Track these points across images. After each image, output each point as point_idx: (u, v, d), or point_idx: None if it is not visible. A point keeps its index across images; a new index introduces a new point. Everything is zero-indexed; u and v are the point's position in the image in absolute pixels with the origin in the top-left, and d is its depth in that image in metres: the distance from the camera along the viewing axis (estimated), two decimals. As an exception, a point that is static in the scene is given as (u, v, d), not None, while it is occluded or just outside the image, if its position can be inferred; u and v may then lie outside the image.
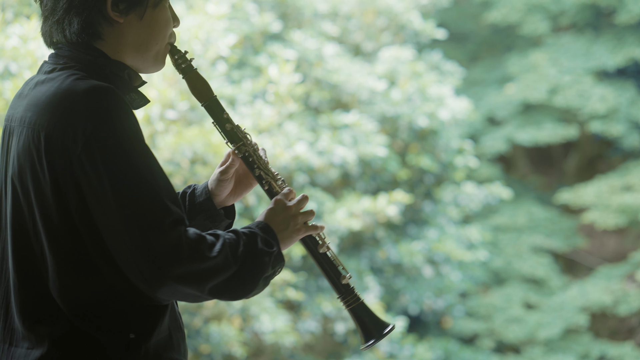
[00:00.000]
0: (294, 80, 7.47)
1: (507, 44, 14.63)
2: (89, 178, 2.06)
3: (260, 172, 2.36)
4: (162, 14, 2.26)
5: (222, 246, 2.11)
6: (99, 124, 2.06)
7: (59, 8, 2.18)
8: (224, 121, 2.36)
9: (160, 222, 2.05)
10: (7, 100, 6.22)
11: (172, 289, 2.07)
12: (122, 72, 2.23)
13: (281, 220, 2.26)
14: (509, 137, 13.25)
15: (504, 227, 12.98)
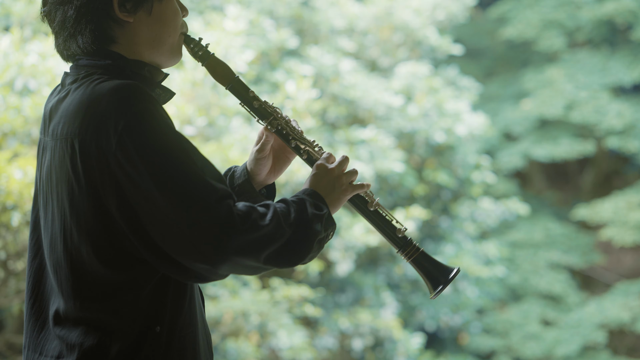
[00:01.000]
0: (312, 96, 7.48)
1: (523, 59, 14.62)
2: (127, 173, 2.06)
3: (297, 142, 2.36)
4: (169, 5, 2.27)
5: (274, 214, 2.12)
6: (129, 118, 2.07)
7: (67, 21, 2.20)
8: (250, 99, 2.36)
9: (207, 200, 2.05)
10: (25, 117, 6.25)
11: (232, 262, 2.08)
12: (142, 70, 2.25)
13: (326, 183, 2.26)
14: (525, 152, 13.22)
15: (521, 243, 12.93)
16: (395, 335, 8.40)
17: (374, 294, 8.99)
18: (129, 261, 2.12)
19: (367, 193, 2.35)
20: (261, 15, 8.77)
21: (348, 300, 8.77)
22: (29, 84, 6.43)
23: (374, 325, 8.41)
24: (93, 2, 2.19)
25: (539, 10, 13.28)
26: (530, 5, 13.46)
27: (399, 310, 9.12)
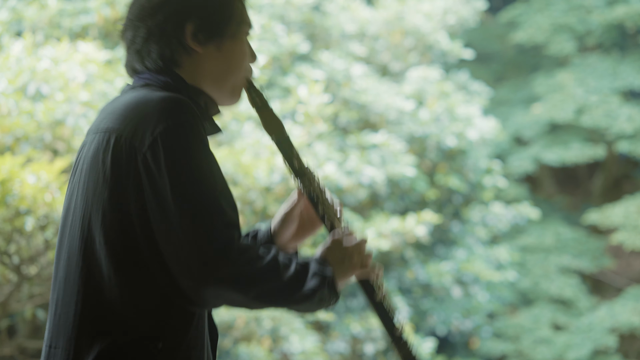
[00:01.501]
0: (323, 101, 7.49)
1: (533, 64, 14.61)
2: (151, 174, 2.07)
3: (324, 210, 2.36)
4: (240, 46, 2.28)
5: (274, 256, 2.11)
6: (168, 125, 2.08)
7: (138, 38, 2.22)
8: (292, 157, 2.35)
9: (214, 222, 2.06)
10: (38, 122, 6.26)
11: (217, 290, 2.07)
12: (199, 98, 2.25)
13: (338, 255, 2.25)
14: (535, 157, 13.21)
15: (532, 247, 12.92)
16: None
17: (385, 298, 8.96)
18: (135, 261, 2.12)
19: (377, 282, 2.34)
20: (272, 20, 8.78)
21: (360, 305, 8.76)
22: (42, 88, 6.44)
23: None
24: (166, 25, 2.21)
25: (550, 15, 13.28)
26: (540, 10, 13.46)
27: (410, 314, 9.11)
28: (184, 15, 2.22)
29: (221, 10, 2.25)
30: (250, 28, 2.31)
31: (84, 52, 6.62)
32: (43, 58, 6.56)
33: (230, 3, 2.26)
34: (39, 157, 5.99)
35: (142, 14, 2.22)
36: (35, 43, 7.08)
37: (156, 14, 2.21)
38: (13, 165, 5.20)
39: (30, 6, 7.77)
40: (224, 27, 2.25)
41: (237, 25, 2.27)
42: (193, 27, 2.22)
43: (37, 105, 6.31)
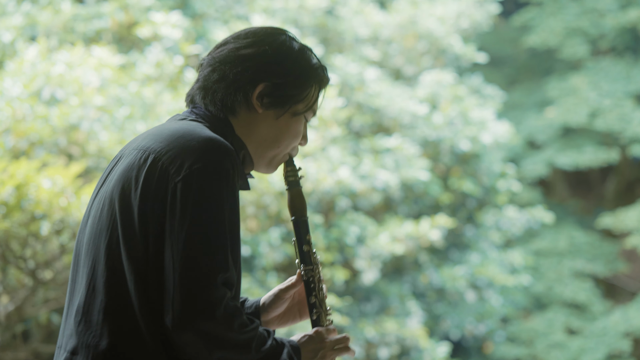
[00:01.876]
0: (338, 105, 7.48)
1: (546, 67, 14.59)
2: (175, 205, 2.11)
3: (316, 300, 2.40)
4: (296, 124, 2.33)
5: (253, 330, 2.15)
6: (207, 165, 2.13)
7: (212, 78, 2.29)
8: (304, 242, 2.41)
9: (215, 275, 2.10)
10: (53, 126, 6.26)
11: (191, 339, 2.10)
12: (240, 151, 2.30)
13: (313, 349, 2.30)
14: (549, 160, 13.18)
15: (545, 251, 12.88)
16: (422, 344, 8.36)
17: (399, 302, 8.95)
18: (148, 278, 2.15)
19: None
20: (286, 24, 8.77)
21: (374, 309, 8.74)
22: (56, 93, 6.45)
23: (400, 334, 8.38)
24: (241, 76, 2.27)
25: (563, 18, 13.26)
26: (553, 14, 13.44)
27: (424, 319, 9.08)
28: (262, 74, 2.28)
29: (296, 87, 2.31)
30: (313, 116, 2.38)
31: (98, 57, 6.63)
32: (57, 63, 6.57)
33: (307, 86, 2.32)
34: (54, 162, 5.99)
35: (226, 59, 2.28)
36: (49, 48, 7.09)
37: (238, 64, 2.27)
38: (28, 170, 5.21)
39: (44, 11, 7.78)
40: (291, 103, 2.31)
41: (303, 107, 2.33)
42: (263, 88, 2.28)
43: (51, 109, 6.32)
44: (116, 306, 2.16)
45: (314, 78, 2.33)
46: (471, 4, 10.29)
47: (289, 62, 2.29)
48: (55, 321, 6.34)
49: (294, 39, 2.35)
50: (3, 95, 6.05)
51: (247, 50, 2.28)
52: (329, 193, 7.66)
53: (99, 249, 2.19)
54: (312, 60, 2.34)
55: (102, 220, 2.19)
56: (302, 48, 2.34)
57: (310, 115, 2.36)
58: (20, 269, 5.42)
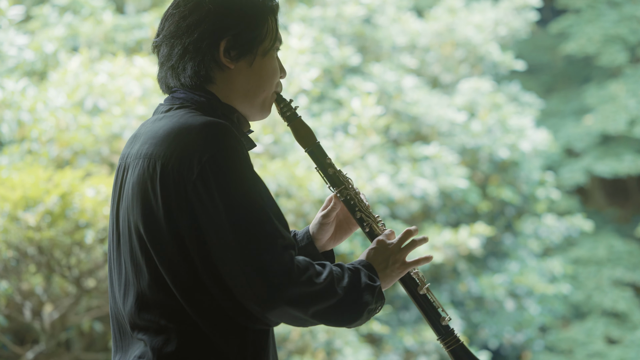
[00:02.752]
0: (376, 113, 7.48)
1: (584, 75, 14.50)
2: (203, 202, 2.13)
3: (362, 214, 2.43)
4: (270, 62, 2.35)
5: (329, 274, 2.19)
6: (215, 152, 2.15)
7: (173, 54, 2.28)
8: (326, 166, 2.43)
9: (274, 245, 2.13)
10: (95, 136, 6.33)
11: (282, 310, 2.15)
12: (232, 115, 2.32)
13: (382, 259, 2.33)
14: (587, 168, 13.09)
15: (584, 260, 12.79)
16: (461, 353, 8.33)
17: (438, 311, 8.92)
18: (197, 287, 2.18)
19: (419, 276, 2.40)
20: (324, 33, 8.80)
21: (412, 318, 8.72)
22: (99, 103, 6.52)
23: (440, 343, 8.35)
24: (201, 41, 2.27)
25: (601, 26, 13.18)
26: (591, 21, 13.36)
27: (463, 327, 9.04)
28: (218, 33, 2.28)
29: (253, 28, 2.32)
30: (280, 44, 2.39)
31: (139, 67, 6.69)
32: (100, 73, 6.64)
33: (262, 21, 2.33)
34: (96, 171, 6.05)
35: (178, 31, 2.29)
36: (91, 58, 7.16)
37: (192, 32, 2.27)
38: (73, 179, 5.26)
39: (85, 22, 7.87)
40: (256, 44, 2.32)
41: (269, 43, 2.34)
42: (226, 44, 2.29)
43: (94, 119, 6.38)
44: (169, 313, 2.19)
45: (265, 11, 2.33)
46: (509, 11, 10.25)
47: (237, 9, 2.30)
48: (98, 329, 6.39)
49: None
50: (47, 106, 6.12)
51: (193, 15, 2.27)
52: (367, 201, 7.65)
53: (137, 266, 2.21)
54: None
55: (133, 240, 2.21)
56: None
57: (278, 45, 2.37)
58: (65, 277, 5.47)
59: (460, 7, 10.00)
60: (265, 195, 2.18)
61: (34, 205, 5.09)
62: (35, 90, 6.36)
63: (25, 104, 6.11)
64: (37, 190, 5.07)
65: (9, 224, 5.09)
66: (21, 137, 6.26)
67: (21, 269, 5.46)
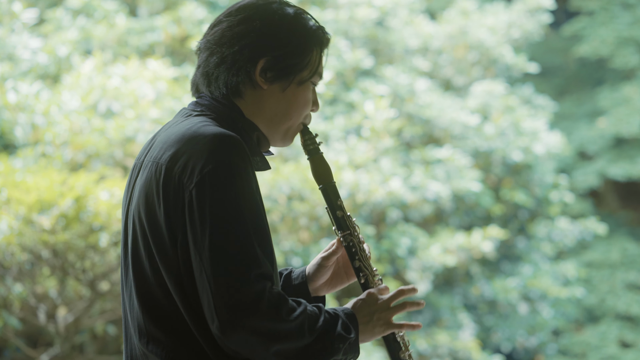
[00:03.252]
0: (390, 116, 7.47)
1: (596, 77, 14.46)
2: (193, 214, 2.10)
3: (361, 264, 2.35)
4: (304, 93, 2.27)
5: (302, 314, 2.12)
6: (217, 166, 2.10)
7: (211, 61, 2.23)
8: (336, 207, 2.36)
9: (248, 271, 2.07)
10: (109, 139, 6.33)
11: (242, 338, 2.08)
12: (252, 133, 2.26)
13: (367, 312, 2.24)
14: (600, 171, 13.05)
15: (597, 263, 12.74)
16: (474, 356, 8.31)
17: (450, 314, 8.91)
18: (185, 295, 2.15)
19: (404, 340, 2.33)
20: (336, 35, 8.80)
21: (425, 321, 8.70)
22: (112, 106, 6.52)
23: (452, 346, 8.33)
24: (240, 55, 2.22)
25: (614, 28, 13.14)
26: (604, 23, 13.32)
27: (476, 331, 9.02)
28: (260, 50, 2.22)
29: (297, 55, 2.24)
30: (320, 79, 2.31)
31: (153, 70, 6.69)
32: (113, 76, 6.64)
33: (307, 51, 2.25)
34: (110, 174, 6.05)
35: (222, 40, 2.23)
36: (104, 61, 7.17)
37: (234, 44, 2.22)
38: (87, 182, 5.26)
39: (99, 25, 7.88)
40: (295, 72, 2.24)
41: (307, 74, 2.26)
42: (264, 64, 2.22)
43: (108, 122, 6.38)
44: (173, 321, 2.17)
45: (313, 42, 2.25)
46: (522, 14, 10.23)
47: (285, 32, 2.23)
48: (111, 332, 6.39)
49: (287, 4, 2.28)
50: (61, 109, 6.13)
51: (240, 27, 2.22)
52: (380, 204, 7.64)
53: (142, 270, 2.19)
54: (309, 23, 2.26)
55: (139, 245, 2.19)
56: (296, 13, 2.26)
57: (317, 79, 2.29)
58: (79, 280, 5.47)
59: (473, 10, 9.99)
60: (257, 220, 2.12)
61: (49, 208, 5.09)
62: (49, 93, 6.37)
63: (39, 107, 6.12)
64: (52, 194, 5.07)
65: (24, 227, 5.09)
66: (35, 140, 6.27)
67: (35, 272, 5.47)
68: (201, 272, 2.08)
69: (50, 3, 8.74)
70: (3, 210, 5.13)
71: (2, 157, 5.83)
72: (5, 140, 6.49)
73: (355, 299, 2.28)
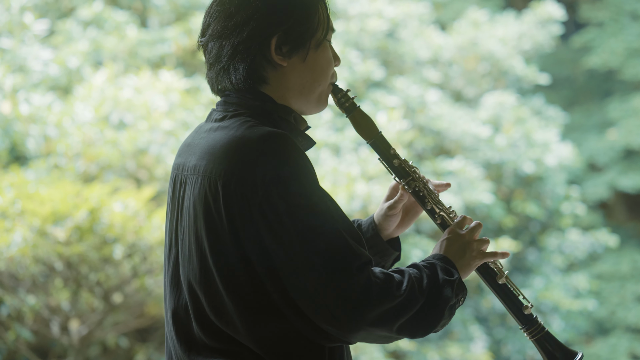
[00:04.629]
0: (403, 127, 7.44)
1: (605, 89, 14.42)
2: (271, 225, 2.04)
3: (433, 205, 2.30)
4: (324, 54, 2.22)
5: (409, 282, 2.08)
6: (277, 170, 2.05)
7: (223, 55, 2.18)
8: (391, 157, 2.31)
9: (349, 266, 2.02)
10: (121, 150, 6.30)
11: (366, 332, 2.05)
12: (289, 116, 2.21)
13: (457, 249, 2.21)
14: (610, 183, 13.00)
15: (607, 275, 12.68)
16: (487, 369, 8.27)
17: (462, 327, 8.86)
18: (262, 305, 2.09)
19: (497, 265, 2.29)
20: (347, 47, 8.77)
21: (437, 334, 8.65)
22: (125, 117, 6.49)
23: (464, 359, 8.28)
24: (251, 41, 2.17)
25: (624, 39, 13.12)
26: (614, 34, 13.30)
27: (488, 343, 8.97)
28: (268, 30, 2.17)
29: (304, 20, 2.19)
30: (333, 32, 2.26)
31: (165, 81, 6.66)
32: (125, 87, 6.62)
33: (313, 12, 2.21)
34: (123, 186, 6.02)
35: (225, 31, 2.18)
36: (115, 73, 7.15)
37: (241, 32, 2.16)
38: (101, 194, 5.23)
39: (109, 36, 7.86)
40: (308, 37, 2.19)
41: (321, 33, 2.21)
42: (277, 41, 2.17)
43: (120, 134, 6.35)
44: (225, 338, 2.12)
45: (314, 2, 2.21)
46: (533, 25, 10.20)
47: (285, 3, 2.18)
48: (123, 345, 6.35)
49: None
50: (74, 121, 6.10)
51: (240, 14, 2.16)
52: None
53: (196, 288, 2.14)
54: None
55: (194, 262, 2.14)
56: None
57: (331, 34, 2.24)
58: (92, 292, 5.44)
59: (484, 21, 9.96)
60: (336, 213, 2.08)
61: (63, 220, 5.06)
62: (61, 105, 6.35)
63: (52, 118, 6.09)
64: (66, 205, 5.04)
65: (38, 239, 5.06)
66: (47, 151, 6.24)
67: (49, 284, 5.43)
68: (301, 278, 2.02)
69: (60, 14, 8.72)
70: (17, 221, 5.09)
71: (13, 168, 5.80)
72: (16, 152, 6.46)
73: (440, 240, 2.24)
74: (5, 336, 5.66)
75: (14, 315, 5.50)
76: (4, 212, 5.15)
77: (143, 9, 8.63)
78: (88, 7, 8.09)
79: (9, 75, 6.29)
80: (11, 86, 6.26)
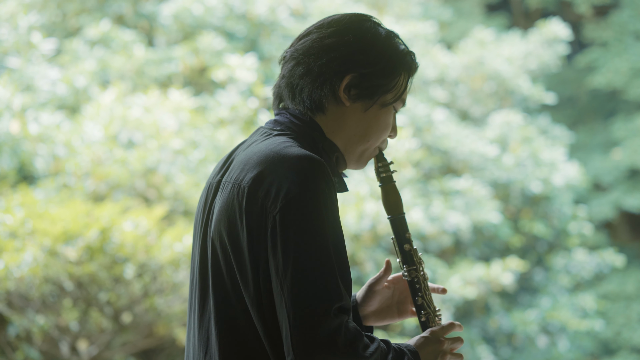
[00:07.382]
0: (411, 146, 7.42)
1: (609, 108, 14.43)
2: (276, 241, 2.03)
3: (423, 301, 2.29)
4: (386, 116, 2.20)
5: (376, 350, 2.07)
6: (303, 190, 2.03)
7: (296, 72, 2.17)
8: (404, 241, 2.29)
9: (328, 305, 2.01)
10: (130, 170, 6.27)
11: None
12: (332, 154, 2.19)
13: (431, 351, 2.20)
14: (615, 203, 12.98)
15: (612, 295, 12.64)
16: (496, 390, 8.21)
17: (469, 347, 8.81)
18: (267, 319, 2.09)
19: None
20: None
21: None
22: (134, 136, 6.47)
23: None
24: (327, 67, 2.16)
25: (628, 59, 13.14)
26: (618, 54, 13.32)
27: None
28: (348, 65, 2.16)
29: (384, 76, 2.18)
30: (402, 106, 2.25)
31: (174, 100, 6.65)
32: (134, 106, 6.60)
33: (395, 74, 2.19)
34: (133, 205, 5.99)
35: (310, 51, 2.17)
36: (122, 92, 7.14)
37: (323, 56, 2.16)
38: (112, 213, 5.20)
39: (117, 55, 7.85)
40: (379, 93, 2.17)
41: (391, 97, 2.19)
42: (350, 80, 2.16)
43: (129, 153, 6.33)
44: (251, 350, 2.10)
45: (402, 66, 2.18)
46: (539, 44, 10.21)
47: (376, 51, 2.16)
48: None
49: (379, 25, 2.21)
50: (83, 140, 6.08)
51: (330, 39, 2.15)
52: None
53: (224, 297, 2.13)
54: (400, 46, 2.19)
55: (222, 267, 2.13)
56: (388, 34, 2.20)
57: (400, 106, 2.22)
58: (102, 312, 5.40)
59: (490, 40, 9.96)
60: (340, 250, 2.06)
61: (74, 239, 5.03)
62: (70, 124, 6.33)
63: (60, 137, 6.07)
64: (77, 225, 5.01)
65: (49, 259, 5.02)
66: (55, 171, 6.22)
67: (58, 304, 5.39)
68: (281, 301, 2.02)
69: (67, 34, 8.71)
70: (27, 241, 5.06)
71: (22, 188, 5.77)
72: (24, 172, 6.43)
73: (418, 336, 2.22)
74: (14, 357, 5.61)
75: (23, 336, 5.45)
76: (14, 231, 5.12)
77: (150, 28, 8.63)
78: (95, 27, 8.08)
79: (17, 95, 6.27)
80: (19, 105, 6.24)
